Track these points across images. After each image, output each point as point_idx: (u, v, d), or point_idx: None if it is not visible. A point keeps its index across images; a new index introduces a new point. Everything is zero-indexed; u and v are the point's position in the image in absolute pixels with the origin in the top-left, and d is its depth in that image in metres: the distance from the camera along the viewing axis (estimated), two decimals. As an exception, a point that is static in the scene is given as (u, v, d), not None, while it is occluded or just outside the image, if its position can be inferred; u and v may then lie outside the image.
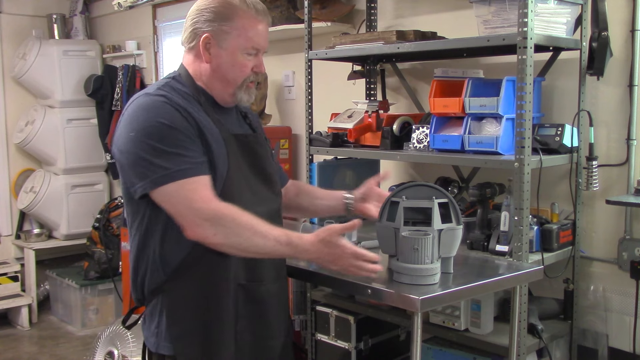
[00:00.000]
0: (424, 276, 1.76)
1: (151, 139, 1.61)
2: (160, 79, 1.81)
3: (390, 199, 1.92)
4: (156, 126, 1.62)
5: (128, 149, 1.64)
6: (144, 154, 1.60)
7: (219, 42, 1.73)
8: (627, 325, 2.54)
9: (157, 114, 1.63)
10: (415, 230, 1.80)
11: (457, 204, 1.91)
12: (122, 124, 1.69)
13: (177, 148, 1.61)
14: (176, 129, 1.62)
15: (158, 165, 1.60)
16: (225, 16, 1.72)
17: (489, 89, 2.46)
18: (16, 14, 5.24)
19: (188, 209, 1.60)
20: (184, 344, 1.70)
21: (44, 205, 5.05)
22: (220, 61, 1.74)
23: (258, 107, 3.80)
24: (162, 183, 1.60)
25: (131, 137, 1.63)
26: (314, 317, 2.94)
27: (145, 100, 1.67)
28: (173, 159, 1.60)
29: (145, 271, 1.73)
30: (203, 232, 1.61)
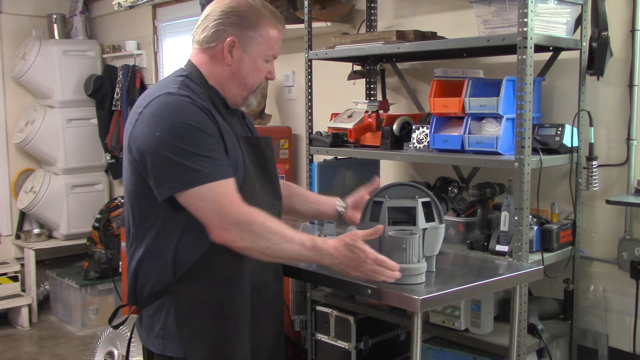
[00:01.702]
0: (412, 275, 1.77)
1: (179, 141, 1.59)
2: (171, 76, 1.77)
3: (372, 199, 1.93)
4: (184, 127, 1.60)
5: (154, 150, 1.61)
6: (172, 156, 1.59)
7: (243, 46, 1.75)
8: (627, 325, 2.54)
9: (185, 115, 1.62)
10: (401, 230, 1.81)
11: (438, 202, 1.92)
12: (143, 122, 1.65)
13: (205, 150, 1.61)
14: (204, 131, 1.62)
15: (187, 167, 1.58)
16: (251, 22, 1.74)
17: (489, 89, 2.46)
18: (16, 14, 5.24)
19: (216, 213, 1.60)
20: (196, 345, 1.69)
21: (44, 205, 5.05)
22: (242, 65, 1.76)
23: (258, 107, 3.80)
24: (191, 185, 1.59)
25: (157, 137, 1.60)
26: (314, 317, 2.94)
27: (171, 100, 1.64)
28: (201, 161, 1.59)
29: (150, 272, 1.71)
30: (230, 235, 1.61)
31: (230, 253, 1.67)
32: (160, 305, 1.71)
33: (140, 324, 1.78)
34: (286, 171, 3.74)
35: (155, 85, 1.79)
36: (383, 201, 1.90)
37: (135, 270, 1.75)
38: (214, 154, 1.62)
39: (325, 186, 3.05)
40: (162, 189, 1.62)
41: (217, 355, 1.71)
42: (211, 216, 1.61)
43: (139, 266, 1.73)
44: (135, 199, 1.72)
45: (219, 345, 1.71)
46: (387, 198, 1.90)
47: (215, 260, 1.68)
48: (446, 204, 2.70)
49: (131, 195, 1.73)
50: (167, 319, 1.70)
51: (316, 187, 3.01)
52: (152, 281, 1.71)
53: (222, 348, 1.72)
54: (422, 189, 1.95)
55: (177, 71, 1.80)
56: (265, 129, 3.78)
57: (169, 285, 1.69)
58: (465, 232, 2.58)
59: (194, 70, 1.78)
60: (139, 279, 1.74)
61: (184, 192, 1.60)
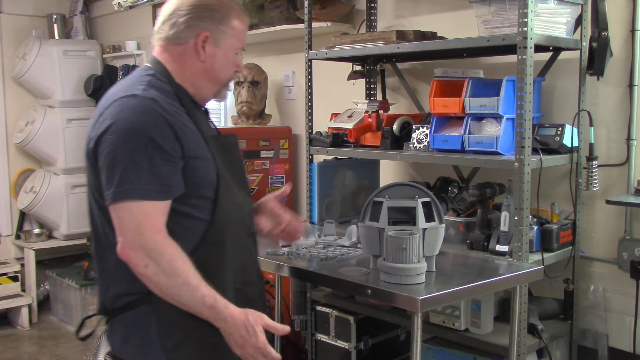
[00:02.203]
0: (412, 275, 1.77)
1: (129, 149, 1.51)
2: (137, 75, 1.68)
3: (372, 199, 1.93)
4: (138, 137, 1.52)
5: (105, 152, 1.54)
6: (118, 164, 1.51)
7: (216, 41, 1.69)
8: (627, 325, 2.54)
9: (144, 122, 1.53)
10: (400, 230, 1.81)
11: (438, 202, 1.92)
12: (102, 124, 1.56)
13: (151, 164, 1.52)
14: (158, 143, 1.53)
15: (126, 179, 1.51)
16: (222, 15, 1.70)
17: (489, 89, 2.46)
18: (16, 14, 5.24)
19: (133, 230, 1.51)
20: (180, 355, 1.62)
21: (44, 205, 5.04)
22: (215, 60, 1.71)
23: (258, 107, 3.81)
24: (122, 198, 1.51)
25: (108, 139, 1.53)
26: (314, 317, 2.94)
27: (133, 103, 1.56)
28: (143, 175, 1.51)
29: (125, 280, 1.60)
30: (136, 258, 1.51)
31: (211, 259, 1.62)
32: (138, 314, 1.62)
33: (112, 333, 1.68)
34: (286, 171, 3.74)
35: (120, 83, 1.69)
36: (383, 201, 1.90)
37: (108, 279, 1.65)
38: (161, 170, 1.53)
39: (325, 186, 3.05)
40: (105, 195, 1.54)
41: None
42: (127, 231, 1.51)
43: (112, 274, 1.64)
44: (100, 205, 1.61)
45: (204, 354, 1.64)
46: (387, 198, 1.91)
47: (196, 267, 1.57)
48: (446, 204, 2.70)
49: (95, 201, 1.63)
50: (147, 329, 1.61)
51: (316, 187, 3.01)
52: (127, 289, 1.61)
53: (210, 355, 1.65)
54: (422, 189, 1.96)
55: (143, 69, 1.73)
56: (265, 129, 3.78)
57: (146, 293, 1.58)
58: (465, 232, 2.58)
59: (161, 68, 1.70)
60: (112, 287, 1.65)
61: (114, 203, 1.52)
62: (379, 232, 1.89)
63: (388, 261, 1.80)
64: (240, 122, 3.86)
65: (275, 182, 3.67)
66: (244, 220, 1.76)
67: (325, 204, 3.05)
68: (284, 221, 1.96)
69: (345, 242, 2.35)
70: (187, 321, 1.59)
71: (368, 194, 2.58)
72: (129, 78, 1.70)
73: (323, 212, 3.04)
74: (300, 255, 2.18)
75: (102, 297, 1.68)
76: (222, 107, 4.46)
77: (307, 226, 2.43)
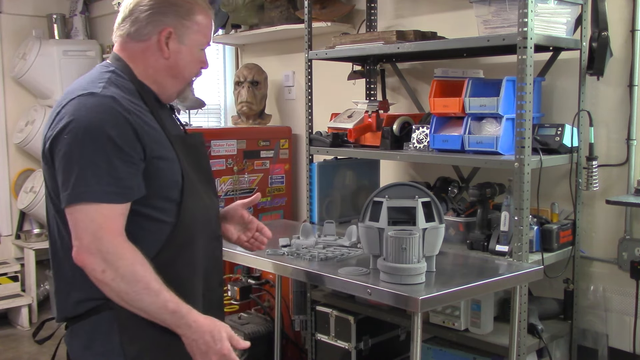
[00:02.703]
0: (412, 275, 1.77)
1: (86, 150, 1.44)
2: (96, 72, 1.62)
3: (372, 199, 1.93)
4: (95, 133, 1.45)
5: (61, 153, 1.47)
6: (74, 164, 1.44)
7: (180, 37, 1.62)
8: (627, 325, 2.54)
9: (103, 121, 1.46)
10: (401, 230, 1.81)
11: (438, 202, 1.92)
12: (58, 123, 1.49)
13: (110, 166, 1.45)
14: (117, 144, 1.46)
15: (83, 180, 1.43)
16: (186, 10, 1.62)
17: (489, 89, 2.46)
18: (16, 14, 5.23)
19: (89, 233, 1.43)
20: None
21: (44, 206, 5.03)
22: (180, 57, 1.63)
23: (258, 107, 3.81)
24: (78, 200, 1.44)
25: (65, 140, 1.46)
26: (314, 317, 2.94)
27: (91, 102, 1.49)
28: (100, 177, 1.44)
29: (85, 285, 1.50)
30: (93, 263, 1.43)
31: (176, 263, 1.57)
32: (99, 321, 1.54)
33: (72, 338, 1.60)
34: (286, 171, 3.74)
35: (79, 80, 1.61)
36: (383, 201, 1.90)
37: (66, 283, 1.57)
38: (119, 172, 1.46)
39: (325, 186, 3.05)
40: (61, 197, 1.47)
41: None
42: (82, 235, 1.44)
43: (70, 279, 1.55)
44: (56, 205, 1.55)
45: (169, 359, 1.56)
46: (387, 198, 1.91)
47: (161, 273, 1.50)
48: (446, 204, 2.70)
49: (52, 202, 1.57)
50: (109, 336, 1.53)
51: (316, 187, 3.01)
52: (89, 294, 1.52)
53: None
54: (422, 189, 1.96)
55: (103, 65, 1.65)
56: (265, 129, 3.78)
57: (107, 299, 1.50)
58: (465, 232, 2.58)
59: (122, 65, 1.63)
60: (71, 292, 1.56)
61: (70, 205, 1.45)
62: (379, 232, 1.89)
63: (388, 261, 1.80)
64: (240, 122, 3.86)
65: (275, 182, 3.67)
66: (210, 222, 1.70)
67: (325, 204, 3.05)
68: (253, 229, 1.90)
69: (345, 242, 2.35)
70: (150, 329, 1.51)
71: (368, 194, 2.58)
72: (87, 75, 1.64)
73: (323, 212, 3.03)
74: (300, 255, 2.18)
75: (62, 304, 1.60)
76: (222, 107, 4.46)
77: (306, 226, 2.43)
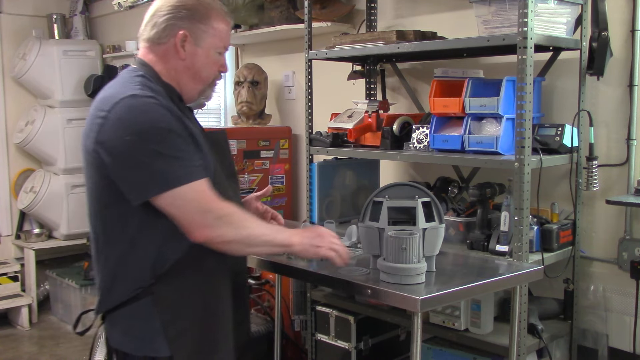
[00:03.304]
0: (412, 275, 1.77)
1: (151, 143, 1.57)
2: (127, 76, 1.72)
3: (372, 199, 1.93)
4: (155, 130, 1.58)
5: (126, 154, 1.58)
6: (146, 159, 1.57)
7: (196, 40, 1.73)
8: (627, 325, 2.54)
9: (153, 117, 1.59)
10: (401, 230, 1.81)
11: (438, 202, 1.92)
12: (111, 127, 1.60)
13: (178, 152, 1.59)
14: (174, 132, 1.60)
15: (162, 170, 1.57)
16: (202, 15, 1.74)
17: (489, 89, 2.46)
18: (16, 14, 5.23)
19: (198, 211, 1.60)
20: (182, 343, 1.68)
21: (44, 205, 5.04)
22: (196, 59, 1.75)
23: (258, 107, 3.81)
24: (168, 187, 1.57)
25: (128, 141, 1.57)
26: (314, 317, 2.94)
27: (137, 102, 1.60)
28: (176, 162, 1.58)
29: (127, 276, 1.67)
30: (214, 231, 1.61)
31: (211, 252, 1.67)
32: (139, 307, 1.67)
33: (113, 327, 1.74)
34: (286, 171, 3.74)
35: (111, 86, 1.72)
36: (383, 201, 1.90)
37: (111, 276, 1.69)
38: (186, 155, 1.61)
39: (325, 186, 3.05)
40: (137, 193, 1.60)
41: (202, 350, 1.71)
42: (193, 215, 1.60)
43: (115, 272, 1.68)
44: (105, 205, 1.67)
45: (204, 341, 1.71)
46: (387, 198, 1.91)
47: (197, 257, 1.67)
48: (446, 204, 2.70)
49: (99, 201, 1.68)
50: (149, 320, 1.66)
51: (316, 187, 3.01)
52: (129, 284, 1.67)
53: (208, 344, 1.72)
54: (422, 189, 1.96)
55: (130, 71, 1.76)
56: (265, 129, 3.78)
57: (148, 286, 1.65)
58: (465, 232, 2.58)
59: (148, 69, 1.75)
60: (115, 284, 1.69)
61: (161, 194, 1.58)
62: (379, 232, 1.89)
63: (388, 261, 1.80)
64: (240, 122, 3.86)
65: (275, 182, 3.67)
66: None
67: (325, 204, 3.05)
68: (268, 217, 2.10)
69: (346, 242, 2.35)
70: (188, 311, 1.68)
71: (368, 194, 2.58)
72: (118, 80, 1.73)
73: (323, 212, 3.03)
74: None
75: (104, 296, 1.72)
76: (222, 107, 4.46)
77: (306, 226, 2.43)
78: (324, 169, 3.06)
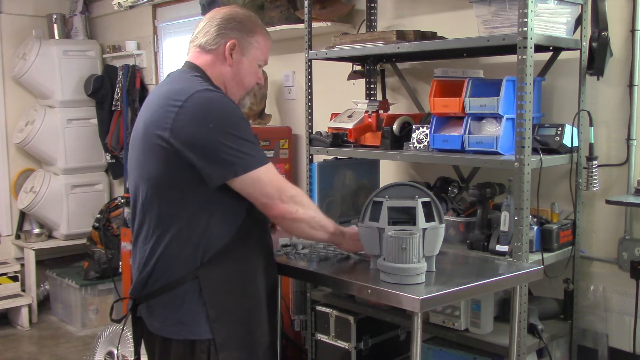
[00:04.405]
0: (412, 275, 1.77)
1: (233, 129, 1.74)
2: (186, 76, 1.87)
3: (372, 199, 1.93)
4: (234, 118, 1.77)
5: (207, 140, 1.73)
6: (229, 143, 1.73)
7: (242, 49, 1.92)
8: (627, 325, 2.54)
9: (230, 108, 1.79)
10: (401, 230, 1.81)
11: (438, 202, 1.92)
12: (189, 115, 1.74)
13: (252, 138, 1.78)
14: (247, 121, 1.82)
15: (244, 153, 1.74)
16: (249, 29, 1.94)
17: (489, 89, 2.46)
18: (16, 14, 5.24)
19: (276, 189, 1.79)
20: (222, 324, 1.80)
21: (44, 205, 5.04)
22: (241, 66, 1.93)
23: (258, 107, 3.80)
24: (249, 169, 1.75)
25: (211, 128, 1.73)
26: (314, 317, 2.94)
27: (212, 95, 1.78)
28: (252, 147, 1.77)
29: (175, 260, 1.79)
30: (289, 207, 1.81)
31: (252, 233, 1.86)
32: (182, 291, 1.79)
33: (151, 313, 1.85)
34: (286, 171, 3.74)
35: (175, 82, 1.86)
36: (383, 201, 1.90)
37: (156, 260, 1.81)
38: (255, 140, 1.81)
39: (325, 186, 3.05)
40: (219, 176, 1.75)
41: (240, 332, 1.83)
42: (272, 193, 1.79)
43: (162, 255, 1.80)
44: (161, 189, 1.79)
45: (243, 322, 1.84)
46: (387, 198, 1.91)
47: (240, 242, 1.82)
48: (446, 204, 2.70)
49: (156, 185, 1.80)
50: (192, 303, 1.79)
51: (316, 187, 3.01)
52: (175, 268, 1.79)
53: (245, 326, 1.84)
54: (422, 189, 1.95)
55: (185, 71, 1.91)
56: (265, 129, 3.78)
57: (193, 270, 1.78)
58: (465, 232, 2.58)
59: (200, 72, 1.91)
60: (157, 268, 1.81)
61: (243, 175, 1.75)
62: (379, 232, 1.89)
63: (388, 261, 1.80)
64: (240, 122, 3.85)
65: (275, 182, 3.67)
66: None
67: (325, 204, 3.05)
68: None
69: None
70: (227, 294, 1.82)
71: (368, 194, 2.57)
72: (180, 77, 1.88)
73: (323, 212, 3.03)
74: (300, 255, 2.18)
75: (145, 279, 1.84)
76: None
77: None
78: (324, 169, 3.06)
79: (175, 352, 1.81)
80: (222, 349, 1.79)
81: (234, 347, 1.82)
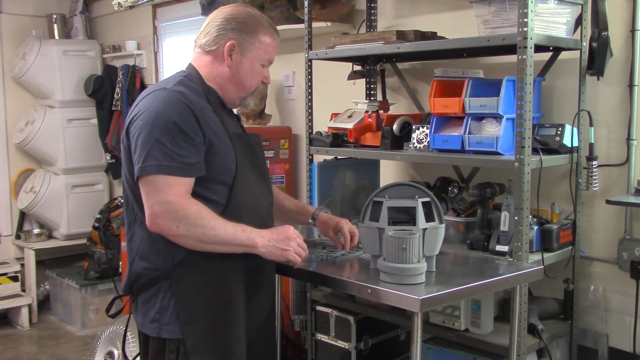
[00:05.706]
0: (412, 275, 1.77)
1: (156, 132, 1.71)
2: (173, 76, 1.91)
3: (372, 199, 1.93)
4: (164, 122, 1.72)
5: (136, 136, 1.74)
6: (146, 143, 1.72)
7: (242, 50, 1.90)
8: (627, 325, 2.54)
9: (170, 110, 1.74)
10: (401, 230, 1.81)
11: (438, 202, 1.92)
12: (135, 112, 1.79)
13: (175, 147, 1.71)
14: (182, 129, 1.73)
15: (152, 156, 1.71)
16: (250, 28, 1.90)
17: (489, 89, 2.46)
18: (16, 14, 5.24)
19: (158, 202, 1.70)
20: (194, 327, 1.78)
21: (44, 205, 5.04)
22: (241, 68, 1.91)
23: (258, 107, 3.80)
24: (147, 173, 1.71)
25: (139, 125, 1.74)
26: (314, 317, 2.94)
27: (162, 95, 1.78)
28: (167, 154, 1.71)
29: (147, 255, 1.81)
30: (166, 224, 1.70)
31: None
32: (156, 290, 1.81)
33: (136, 309, 1.88)
34: (286, 171, 3.74)
35: (158, 82, 1.96)
36: (383, 201, 1.90)
37: (135, 254, 1.84)
38: (181, 150, 1.72)
39: (325, 186, 3.05)
40: (135, 172, 1.74)
41: (213, 337, 1.80)
42: (152, 203, 1.71)
43: (138, 254, 1.83)
44: (134, 188, 1.81)
45: (216, 327, 1.81)
46: (387, 198, 1.91)
47: None
48: (446, 204, 2.70)
49: (130, 184, 1.83)
50: (163, 303, 1.80)
51: (316, 187, 3.01)
52: (150, 264, 1.81)
53: (219, 330, 1.81)
54: (422, 189, 1.96)
55: (179, 72, 1.93)
56: (265, 129, 3.78)
57: (167, 270, 1.78)
58: (465, 232, 2.58)
59: (194, 72, 1.92)
60: (136, 261, 1.84)
61: (141, 177, 1.73)
62: (379, 232, 1.89)
63: (388, 261, 1.80)
64: (240, 122, 3.86)
65: (275, 182, 3.67)
66: (259, 209, 1.93)
67: (325, 204, 3.04)
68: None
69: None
70: (200, 297, 1.79)
71: (368, 194, 2.58)
72: (166, 78, 1.94)
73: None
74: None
75: (129, 276, 1.86)
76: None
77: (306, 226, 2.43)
78: (324, 169, 3.06)
79: (152, 348, 1.84)
80: (194, 353, 1.78)
81: (207, 352, 1.79)
